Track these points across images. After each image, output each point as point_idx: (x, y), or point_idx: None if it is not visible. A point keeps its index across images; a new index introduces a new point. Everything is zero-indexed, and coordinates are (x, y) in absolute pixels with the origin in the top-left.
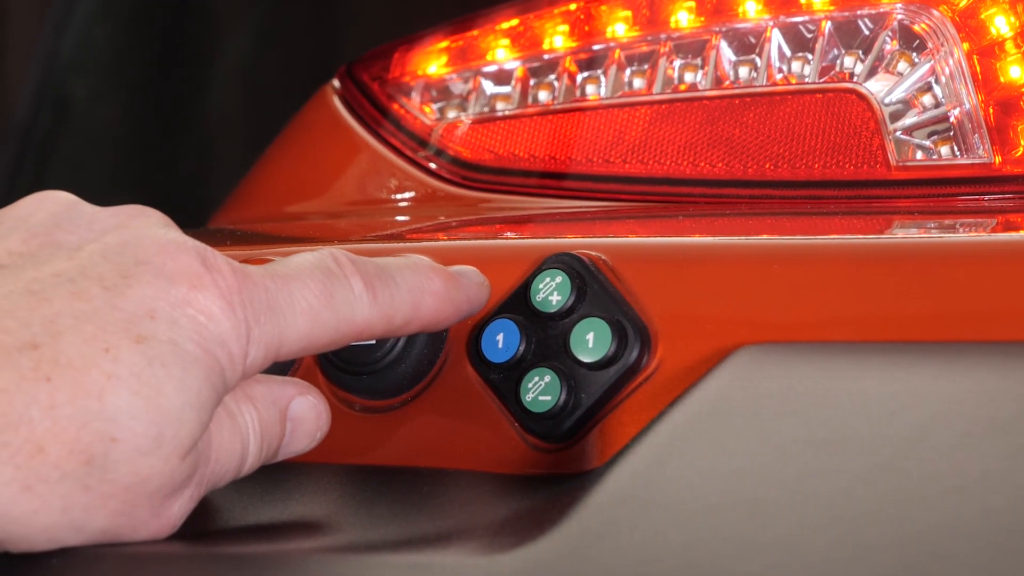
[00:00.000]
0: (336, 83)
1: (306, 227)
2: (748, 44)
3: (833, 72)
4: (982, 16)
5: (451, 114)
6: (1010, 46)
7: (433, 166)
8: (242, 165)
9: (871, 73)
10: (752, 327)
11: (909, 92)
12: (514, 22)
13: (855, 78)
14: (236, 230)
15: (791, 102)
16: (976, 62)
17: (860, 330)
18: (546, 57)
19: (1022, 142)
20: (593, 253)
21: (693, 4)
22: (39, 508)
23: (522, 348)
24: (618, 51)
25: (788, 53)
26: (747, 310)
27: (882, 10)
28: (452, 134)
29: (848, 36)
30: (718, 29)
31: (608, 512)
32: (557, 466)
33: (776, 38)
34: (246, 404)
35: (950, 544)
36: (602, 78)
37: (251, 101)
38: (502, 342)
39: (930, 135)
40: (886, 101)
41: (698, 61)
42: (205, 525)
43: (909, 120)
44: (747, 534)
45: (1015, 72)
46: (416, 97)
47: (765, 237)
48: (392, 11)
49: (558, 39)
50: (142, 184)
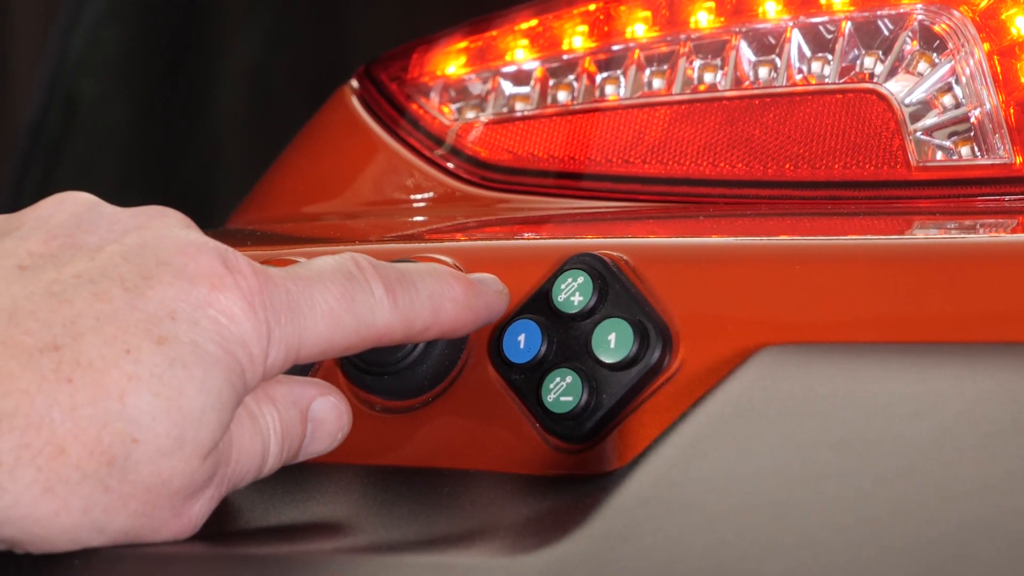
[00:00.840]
0: (354, 83)
1: (324, 227)
2: (768, 44)
3: (853, 72)
4: (1003, 16)
5: (469, 114)
6: None
7: (451, 166)
8: (250, 165)
9: (891, 73)
10: (774, 328)
11: (929, 92)
12: (533, 22)
13: (875, 78)
14: (255, 230)
15: (811, 102)
16: (997, 62)
17: (882, 331)
18: (565, 57)
19: None
20: (615, 254)
21: (713, 4)
22: (60, 509)
23: (544, 349)
24: (637, 51)
25: (808, 53)
26: (769, 311)
27: (902, 10)
28: (470, 134)
29: (868, 36)
30: (738, 29)
31: (631, 513)
32: (578, 467)
33: (796, 38)
34: (267, 405)
35: (974, 546)
36: (621, 78)
37: (259, 101)
38: (524, 342)
39: (950, 135)
40: (906, 101)
41: (718, 61)
42: (226, 526)
43: (929, 120)
44: (770, 535)
45: None
46: (435, 97)
47: (786, 238)
48: (400, 13)
49: (577, 39)
50: (151, 184)
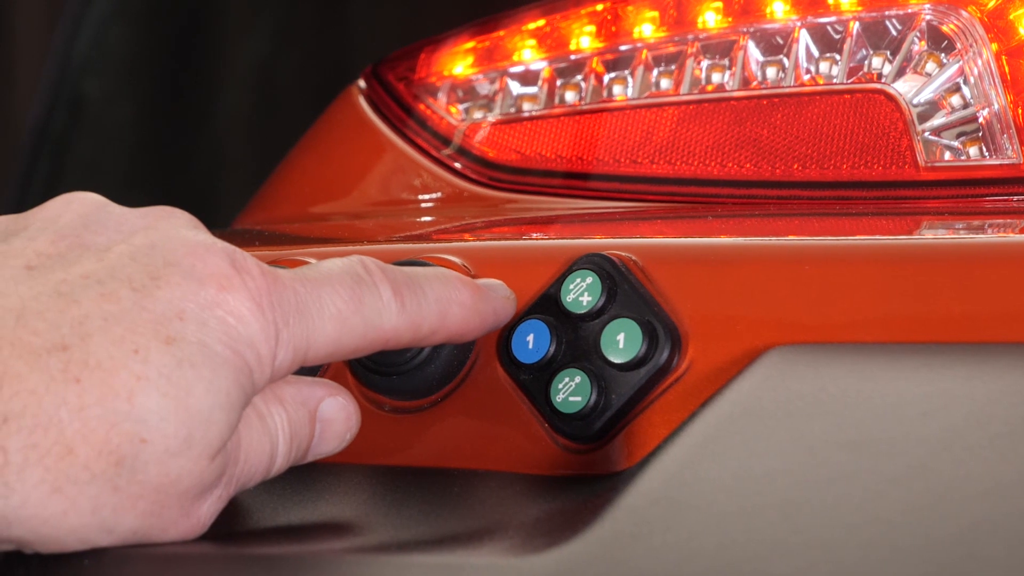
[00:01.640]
0: (362, 83)
1: (332, 228)
2: (776, 45)
3: (861, 72)
4: (1011, 16)
5: (477, 114)
6: None
7: (459, 166)
8: (256, 165)
9: (899, 74)
10: (783, 328)
11: (938, 93)
12: (540, 23)
13: (883, 79)
14: (262, 230)
15: (819, 103)
16: (1005, 62)
17: (891, 331)
18: (573, 58)
19: None
20: (623, 254)
21: (720, 5)
22: (69, 509)
23: (552, 349)
24: (645, 52)
25: (816, 54)
26: (778, 311)
27: (910, 11)
28: (478, 134)
29: (876, 37)
30: (746, 30)
31: (640, 513)
32: (588, 467)
33: (804, 39)
34: (276, 405)
35: (984, 546)
36: (629, 79)
37: (266, 101)
38: (532, 343)
39: (959, 136)
40: (915, 102)
41: (726, 62)
42: (235, 526)
43: (938, 121)
44: (780, 536)
45: None
46: (442, 97)
47: (794, 238)
48: (407, 13)
49: (585, 40)
50: (156, 184)
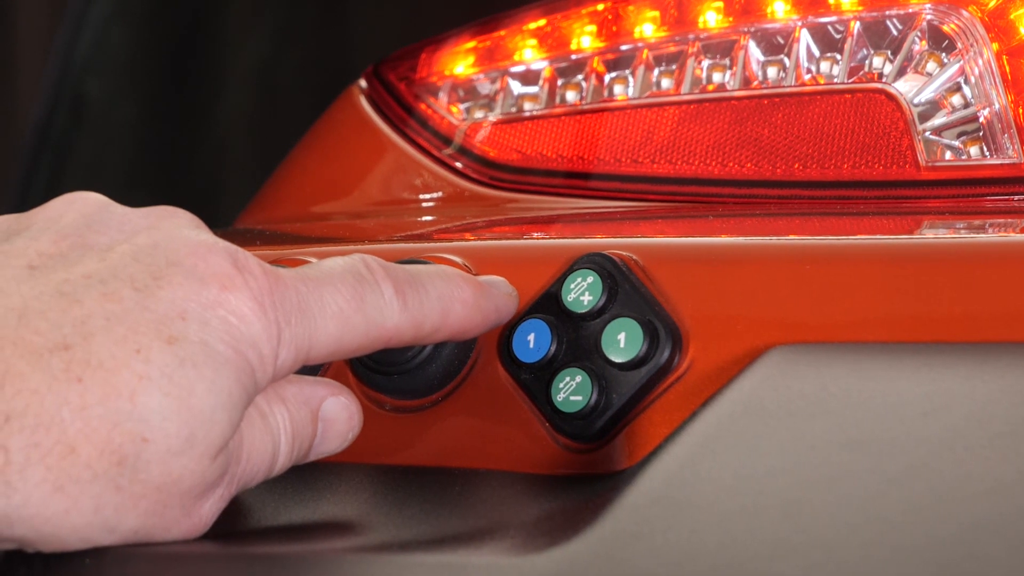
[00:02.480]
0: (363, 83)
1: (333, 227)
2: (776, 44)
3: (862, 72)
4: (1012, 16)
5: (478, 114)
6: None
7: (460, 166)
8: (258, 165)
9: (900, 73)
10: (784, 327)
11: (938, 92)
12: (541, 22)
13: (884, 78)
14: (263, 230)
15: (820, 102)
16: (1006, 62)
17: (891, 331)
18: (574, 57)
19: None
20: (624, 253)
21: (721, 4)
22: (71, 508)
23: (553, 348)
24: (646, 51)
25: (817, 53)
26: (779, 310)
27: (911, 10)
28: (479, 134)
29: (877, 36)
30: (746, 29)
31: (642, 513)
32: (588, 466)
33: (805, 38)
34: (278, 404)
35: (985, 546)
36: (630, 78)
37: (267, 101)
38: (533, 342)
39: (959, 135)
40: (915, 101)
41: (726, 61)
42: (238, 525)
43: (938, 120)
44: (781, 535)
45: None
46: (443, 97)
47: (796, 237)
48: (408, 13)
49: (586, 39)
50: (158, 184)
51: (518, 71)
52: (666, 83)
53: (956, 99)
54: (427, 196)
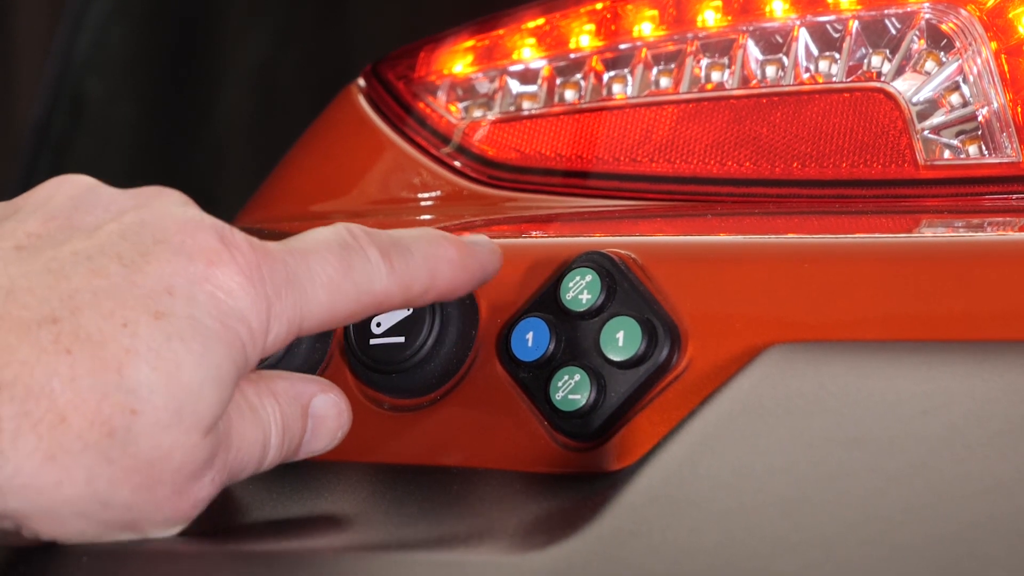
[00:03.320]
0: (361, 82)
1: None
2: (775, 43)
3: (860, 71)
4: (1010, 15)
5: (477, 113)
6: None
7: (458, 165)
8: (256, 164)
9: (899, 72)
10: (782, 326)
11: (937, 91)
12: (540, 21)
13: (883, 77)
14: (262, 228)
15: (818, 101)
16: (1004, 61)
17: (890, 329)
18: (572, 56)
19: None
20: (623, 252)
21: (720, 3)
22: (63, 479)
23: (552, 347)
24: (645, 50)
25: (815, 52)
26: (777, 309)
27: (909, 9)
28: (477, 133)
29: (875, 35)
30: (745, 28)
31: (640, 511)
32: (587, 465)
33: (803, 37)
34: (268, 398)
35: (984, 544)
36: (628, 77)
37: (266, 100)
38: (532, 341)
39: (958, 134)
40: (914, 100)
41: (725, 60)
42: (234, 523)
43: (937, 119)
44: (780, 533)
45: None
46: (442, 96)
47: (794, 236)
48: (407, 12)
49: (584, 38)
50: (156, 183)
51: (517, 70)
52: (665, 82)
53: (955, 98)
54: (425, 195)
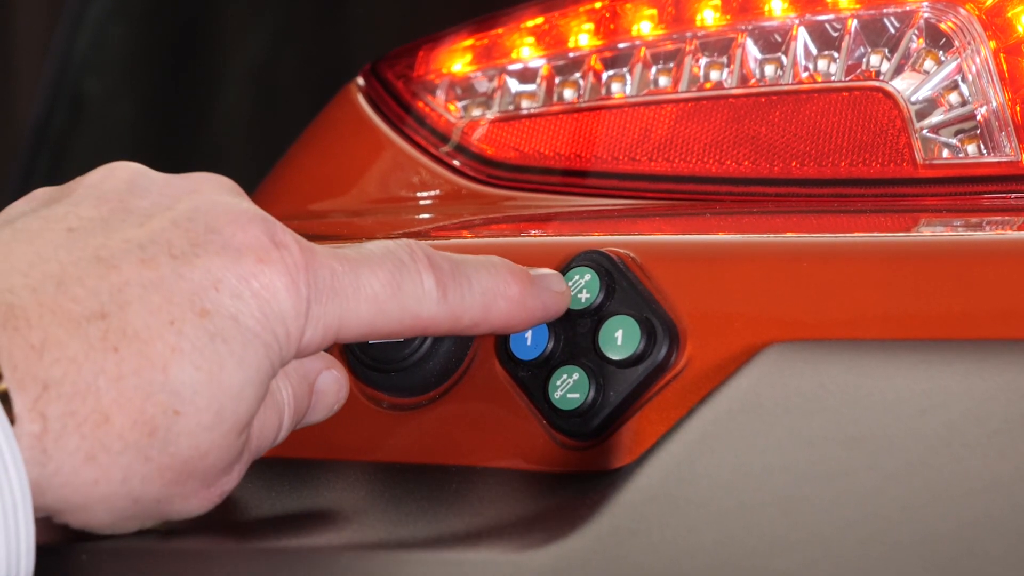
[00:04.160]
0: (360, 81)
1: (330, 225)
2: (774, 42)
3: (859, 70)
4: (1009, 15)
5: (476, 112)
6: None
7: (457, 163)
8: (256, 163)
9: (897, 71)
10: (781, 325)
11: (936, 90)
12: (539, 20)
13: (881, 76)
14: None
15: (817, 100)
16: (1003, 60)
17: (888, 328)
18: (571, 55)
19: None
20: (622, 251)
21: (719, 2)
22: (100, 478)
23: (551, 345)
24: (643, 49)
25: (814, 51)
26: (776, 308)
27: (908, 8)
28: (476, 132)
29: (874, 34)
30: (744, 27)
31: (639, 509)
32: (586, 464)
33: (802, 36)
34: (283, 379)
35: (982, 542)
36: (627, 76)
37: (265, 99)
38: (531, 339)
39: (957, 133)
40: (912, 99)
41: (724, 59)
42: (236, 520)
43: (936, 118)
44: (779, 532)
45: None
46: (441, 95)
47: (793, 235)
48: (406, 11)
49: (583, 37)
50: None
51: (516, 69)
52: (663, 81)
53: (953, 97)
54: (424, 194)
